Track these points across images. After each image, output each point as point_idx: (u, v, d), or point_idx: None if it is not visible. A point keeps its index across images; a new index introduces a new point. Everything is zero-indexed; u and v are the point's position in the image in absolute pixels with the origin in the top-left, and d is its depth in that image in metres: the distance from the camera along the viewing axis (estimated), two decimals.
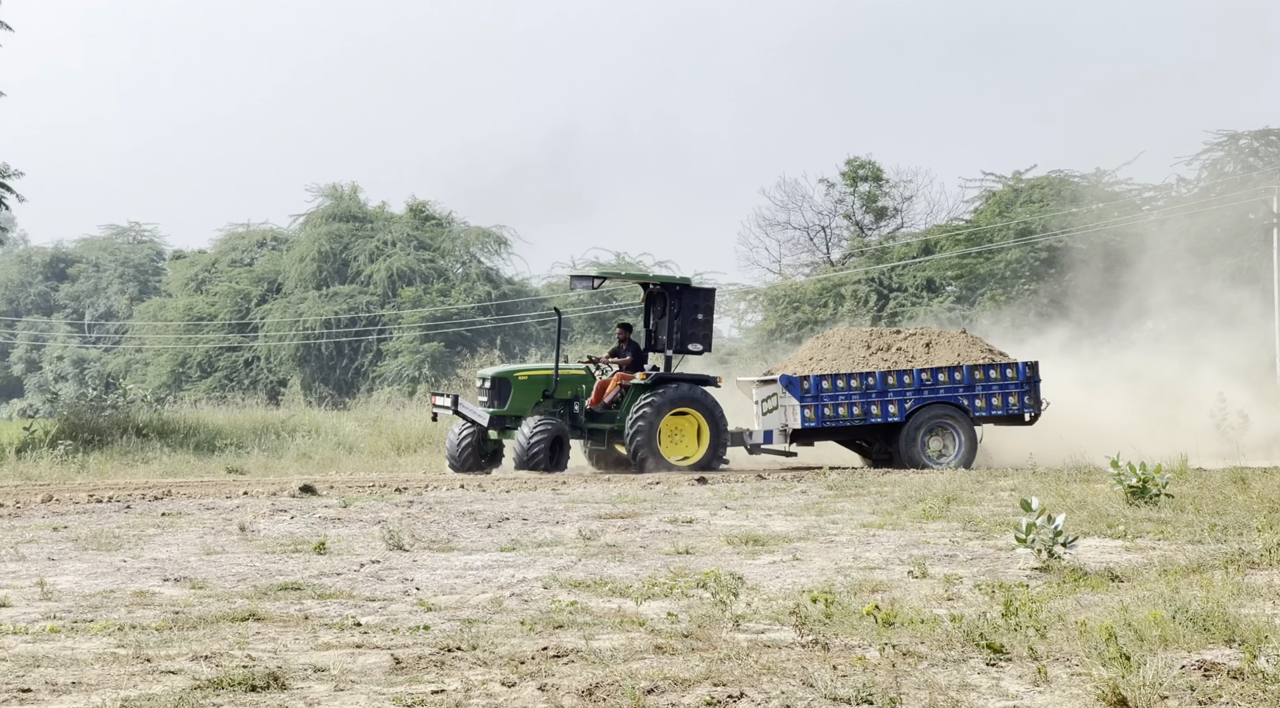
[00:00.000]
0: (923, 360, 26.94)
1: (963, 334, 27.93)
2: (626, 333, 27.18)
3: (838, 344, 27.83)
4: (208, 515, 17.82)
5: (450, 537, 15.09)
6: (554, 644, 9.02)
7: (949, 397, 26.28)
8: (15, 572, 12.79)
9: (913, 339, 27.70)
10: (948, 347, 27.29)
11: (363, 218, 72.39)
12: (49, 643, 9.25)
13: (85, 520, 17.43)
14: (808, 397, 25.99)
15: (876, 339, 27.81)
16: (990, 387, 26.44)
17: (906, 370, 26.34)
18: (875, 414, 26.14)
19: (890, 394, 26.18)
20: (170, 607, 10.73)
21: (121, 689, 7.81)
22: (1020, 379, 26.57)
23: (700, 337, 26.40)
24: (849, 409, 26.08)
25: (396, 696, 7.71)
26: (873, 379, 26.19)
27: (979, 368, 26.50)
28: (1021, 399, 26.53)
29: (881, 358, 27.16)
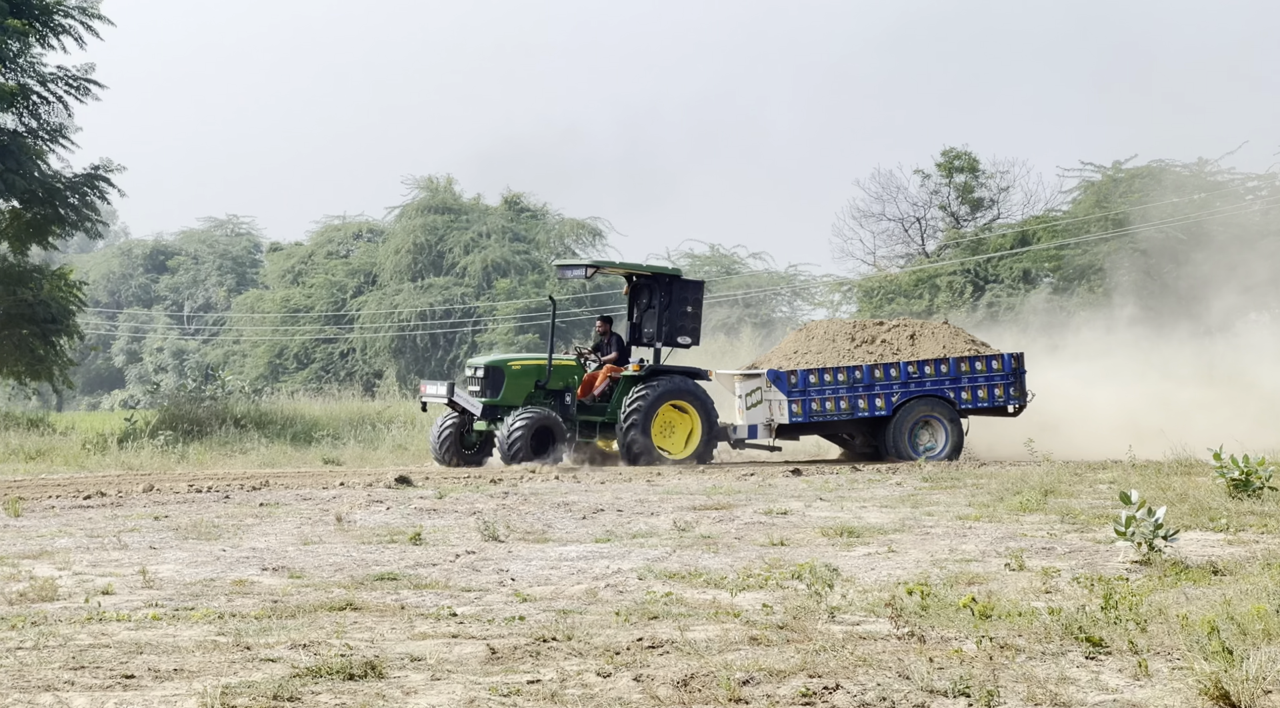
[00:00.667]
0: (908, 353, 26.58)
1: (945, 325, 27.64)
2: (607, 326, 26.61)
3: (821, 336, 27.36)
4: (305, 506, 17.97)
5: (545, 528, 15.13)
6: (649, 635, 9.02)
7: (935, 389, 25.94)
8: (118, 560, 12.95)
9: (896, 331, 27.31)
10: (932, 338, 26.95)
11: (458, 210, 72.70)
12: (151, 630, 9.36)
13: (185, 510, 17.63)
14: (795, 391, 25.50)
15: (860, 331, 27.34)
16: (976, 379, 26.15)
17: (893, 363, 25.96)
18: (863, 408, 25.71)
19: (877, 388, 25.78)
20: (269, 596, 10.83)
21: (222, 677, 7.89)
22: (1006, 371, 26.28)
23: (689, 329, 25.78)
24: (836, 403, 25.63)
25: (492, 685, 7.73)
26: (860, 373, 25.76)
27: (965, 360, 26.18)
28: (1007, 391, 26.24)
29: (866, 350, 26.74)
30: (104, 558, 13.13)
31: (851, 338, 27.02)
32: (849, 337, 27.05)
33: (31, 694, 7.50)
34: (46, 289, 36.15)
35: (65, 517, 17.00)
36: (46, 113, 35.88)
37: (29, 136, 35.60)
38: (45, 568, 12.38)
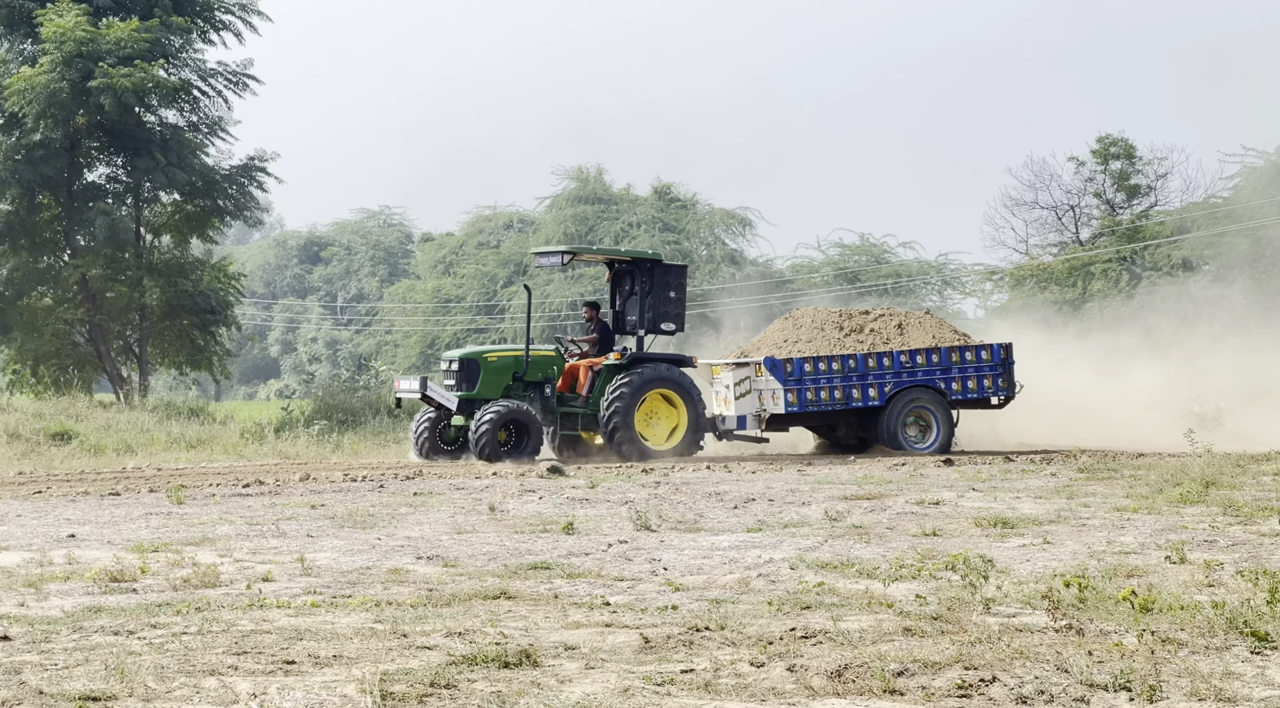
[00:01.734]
0: (898, 342, 26.09)
1: (929, 315, 27.21)
2: (594, 312, 25.74)
3: (809, 325, 26.83)
4: (458, 495, 18.13)
5: (697, 517, 15.14)
6: (802, 625, 8.98)
7: (927, 379, 25.50)
8: (277, 548, 13.15)
9: (883, 320, 26.81)
10: (919, 327, 26.48)
11: (608, 200, 72.96)
12: (310, 617, 9.49)
13: (341, 499, 17.87)
14: (790, 380, 24.94)
15: (848, 320, 26.84)
16: (966, 369, 25.71)
17: (886, 353, 25.49)
18: (856, 398, 25.24)
19: (871, 377, 25.31)
20: (424, 584, 10.93)
21: (380, 663, 7.98)
22: (995, 362, 25.83)
23: (673, 315, 25.03)
24: (830, 393, 25.14)
25: (646, 674, 7.74)
26: (854, 362, 25.27)
27: (956, 350, 25.73)
28: (995, 382, 25.83)
29: (856, 339, 26.25)
30: (263, 545, 13.35)
31: (840, 327, 26.54)
32: (837, 325, 26.57)
33: (197, 678, 7.64)
34: (206, 280, 36.82)
35: (225, 505, 17.30)
36: (207, 107, 36.57)
37: (190, 131, 36.28)
38: (207, 555, 12.60)
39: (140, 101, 34.61)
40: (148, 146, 35.13)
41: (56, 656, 8.24)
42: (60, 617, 9.52)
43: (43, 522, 15.56)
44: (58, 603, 10.12)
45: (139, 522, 15.45)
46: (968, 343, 25.94)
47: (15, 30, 35.39)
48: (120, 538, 14.00)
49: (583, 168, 74.46)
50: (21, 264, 35.73)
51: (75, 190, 36.29)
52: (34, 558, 12.33)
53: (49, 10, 34.05)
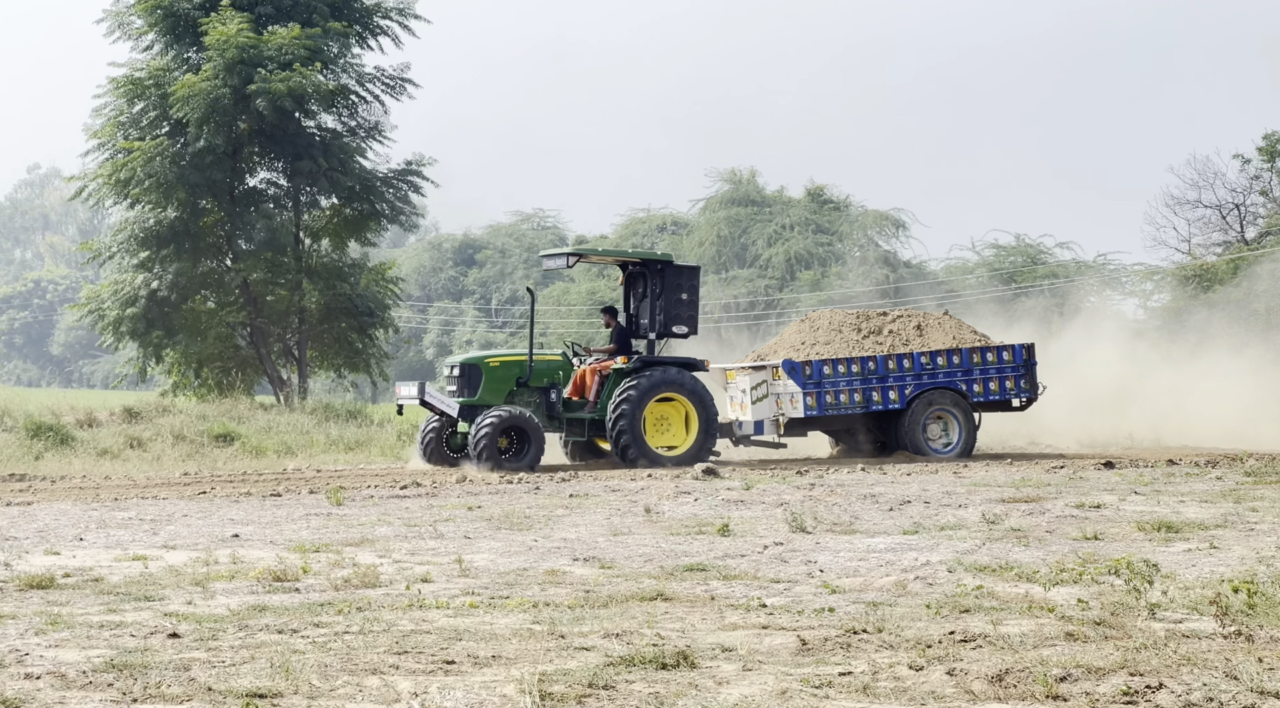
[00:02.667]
0: (917, 344, 25.60)
1: (948, 316, 26.62)
2: (612, 317, 25.00)
3: (826, 327, 26.38)
4: (613, 497, 18.18)
5: (852, 519, 15.05)
6: (961, 629, 8.89)
7: (948, 381, 25.00)
8: (435, 549, 13.28)
9: (902, 321, 26.32)
10: (938, 329, 25.96)
11: (760, 202, 72.85)
12: (469, 618, 9.56)
13: (497, 501, 18.00)
14: (809, 383, 24.46)
15: (866, 322, 26.36)
16: (988, 370, 25.20)
17: (907, 354, 24.99)
18: (876, 401, 24.78)
19: (891, 379, 24.84)
20: (581, 585, 10.97)
21: (538, 664, 8.02)
22: (1017, 362, 25.29)
23: (685, 318, 24.37)
24: (850, 396, 24.67)
25: (804, 677, 7.70)
26: (874, 364, 24.82)
27: (977, 351, 25.21)
28: (1018, 383, 25.31)
29: (874, 341, 25.78)
30: (421, 547, 13.48)
31: (858, 329, 26.10)
32: (855, 328, 26.12)
33: (359, 677, 7.73)
34: (364, 283, 37.26)
35: (384, 506, 17.51)
36: (364, 111, 37.03)
37: (348, 135, 36.76)
38: (367, 556, 12.76)
39: (298, 106, 35.12)
40: (307, 151, 35.66)
41: (224, 653, 8.39)
42: (226, 615, 9.68)
43: (208, 522, 15.85)
44: (224, 602, 10.29)
45: (300, 523, 15.68)
46: (988, 344, 25.47)
47: (181, 39, 36.08)
48: (282, 538, 14.22)
49: (736, 170, 74.48)
50: (186, 268, 36.40)
51: (237, 195, 36.93)
52: (200, 557, 12.55)
53: (213, 19, 34.68)
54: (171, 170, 34.65)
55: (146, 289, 36.05)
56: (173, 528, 15.27)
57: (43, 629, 9.18)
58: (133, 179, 34.64)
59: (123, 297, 36.24)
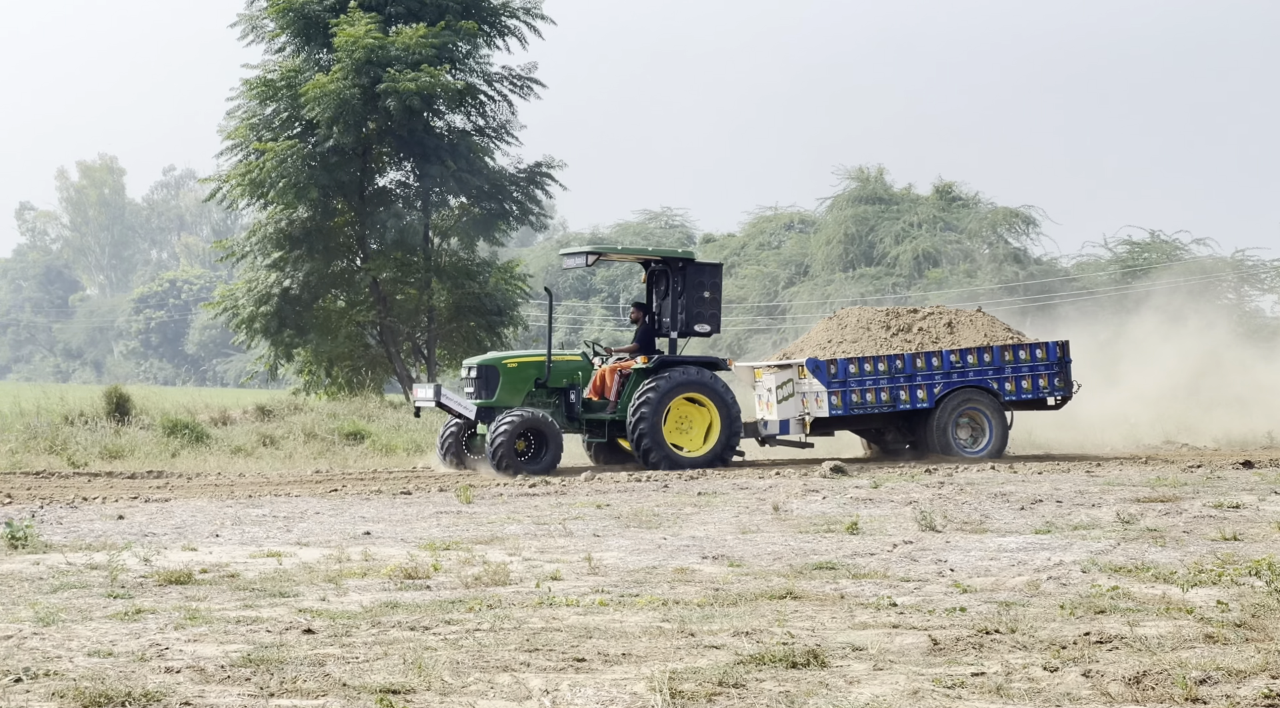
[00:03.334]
0: (947, 341, 24.90)
1: (980, 313, 25.92)
2: (641, 313, 24.39)
3: (854, 325, 25.71)
4: (741, 495, 18.16)
5: (983, 518, 14.91)
6: (1096, 630, 8.78)
7: (979, 380, 24.30)
8: (564, 547, 13.33)
9: (932, 318, 25.59)
10: (970, 326, 25.24)
11: (888, 200, 72.46)
12: (598, 615, 9.59)
13: (626, 498, 18.04)
14: (834, 382, 23.85)
15: (895, 319, 25.64)
16: (1020, 368, 24.46)
17: (935, 352, 24.33)
18: (904, 400, 24.13)
19: (919, 378, 24.16)
20: (710, 584, 10.97)
21: (669, 662, 8.02)
22: (1051, 360, 24.57)
23: (708, 316, 23.75)
24: (877, 395, 24.02)
25: (936, 677, 7.64)
26: (901, 362, 24.15)
27: (1009, 348, 24.52)
28: (1051, 382, 24.56)
29: (904, 339, 25.07)
30: (550, 545, 13.53)
31: (886, 326, 25.44)
32: (884, 325, 25.48)
33: (490, 674, 7.77)
34: (493, 282, 37.48)
35: (513, 504, 17.60)
36: (492, 111, 37.26)
37: (476, 135, 37.00)
38: (497, 553, 12.83)
39: (427, 106, 35.40)
40: (436, 151, 35.96)
41: (357, 649, 8.47)
42: (359, 612, 9.77)
43: (340, 519, 16.02)
44: (356, 598, 10.39)
45: (430, 520, 15.80)
46: (1021, 341, 24.90)
47: (312, 40, 36.49)
48: (413, 536, 14.33)
49: (863, 168, 74.17)
50: (317, 268, 36.82)
51: (367, 195, 37.30)
52: (333, 554, 12.69)
53: (341, 20, 35.05)
54: (303, 171, 35.06)
55: (279, 288, 36.51)
56: (305, 525, 15.45)
57: (182, 624, 9.32)
58: (265, 180, 35.11)
59: (256, 295, 36.73)
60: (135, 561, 12.26)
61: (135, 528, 15.31)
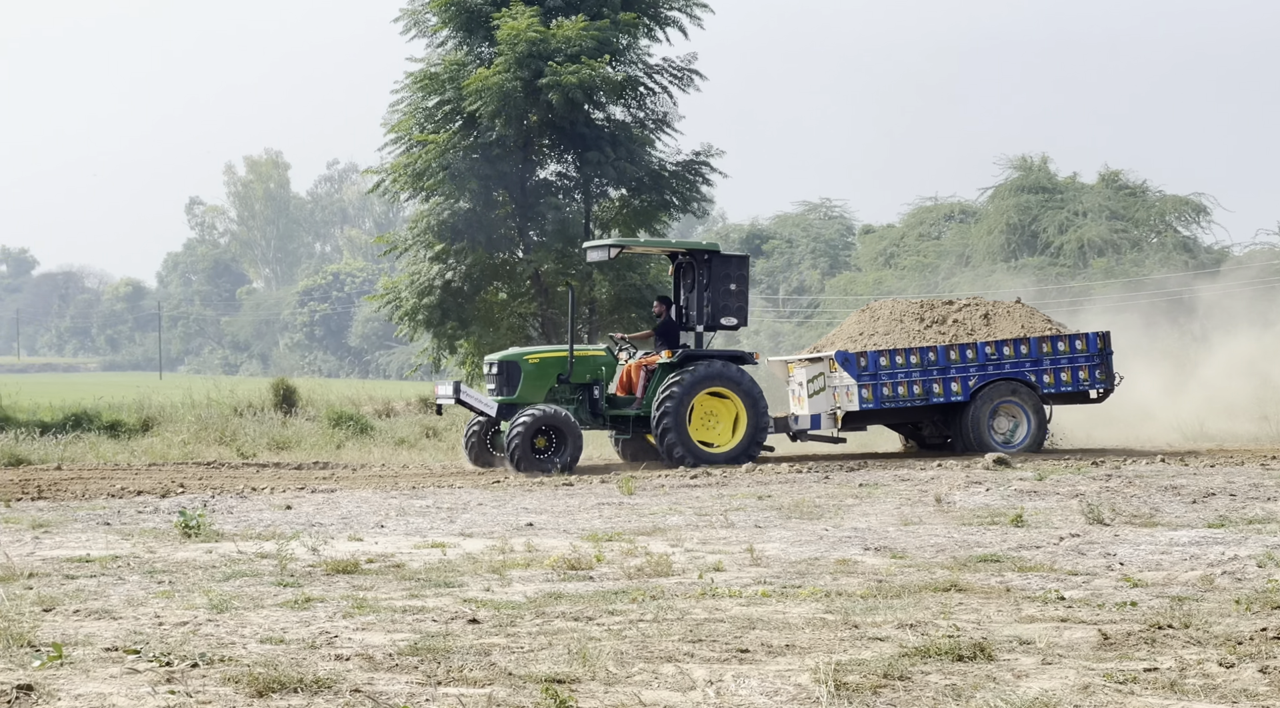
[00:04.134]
0: (983, 333, 24.22)
1: (1019, 304, 25.10)
2: (665, 307, 23.93)
3: (887, 317, 25.10)
4: (903, 487, 18.04)
5: (1152, 511, 14.67)
6: (1274, 626, 8.58)
7: (1015, 372, 23.65)
8: (726, 538, 13.33)
9: (968, 310, 24.90)
10: (1007, 318, 24.53)
11: (1052, 189, 71.51)
12: (761, 607, 9.56)
13: (787, 489, 18.00)
14: (865, 375, 23.28)
15: (929, 311, 25.00)
16: (1059, 360, 23.77)
17: (969, 344, 23.68)
18: (937, 393, 23.51)
19: (953, 371, 23.52)
20: (872, 575, 10.90)
21: (833, 653, 7.97)
22: (1091, 352, 23.83)
23: (734, 309, 23.31)
24: (909, 388, 23.41)
25: (1106, 672, 7.52)
26: (934, 355, 23.51)
27: (1047, 340, 23.79)
28: (1092, 374, 23.86)
29: (937, 331, 24.44)
30: (712, 536, 13.54)
31: (920, 318, 24.88)
32: (918, 317, 24.92)
33: (655, 664, 7.78)
34: (653, 273, 37.53)
35: (674, 496, 17.64)
36: (652, 103, 37.28)
37: (637, 126, 37.07)
38: (659, 545, 12.85)
39: (587, 98, 35.53)
40: (596, 143, 36.06)
41: (522, 639, 8.52)
42: (523, 602, 9.83)
43: (502, 511, 16.15)
44: (520, 589, 10.46)
45: (592, 512, 15.87)
46: (1060, 332, 24.27)
47: (474, 33, 36.76)
48: (575, 527, 14.41)
49: (1026, 157, 73.24)
50: (479, 260, 37.10)
51: (528, 187, 37.52)
52: (496, 545, 12.79)
53: (503, 13, 35.28)
54: (464, 163, 35.35)
55: (441, 280, 36.83)
56: (469, 516, 15.59)
57: (350, 613, 9.45)
58: (427, 171, 35.44)
59: (418, 287, 37.08)
60: (304, 550, 12.46)
61: (303, 518, 15.56)
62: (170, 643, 8.37)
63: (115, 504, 17.46)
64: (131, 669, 7.68)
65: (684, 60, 37.61)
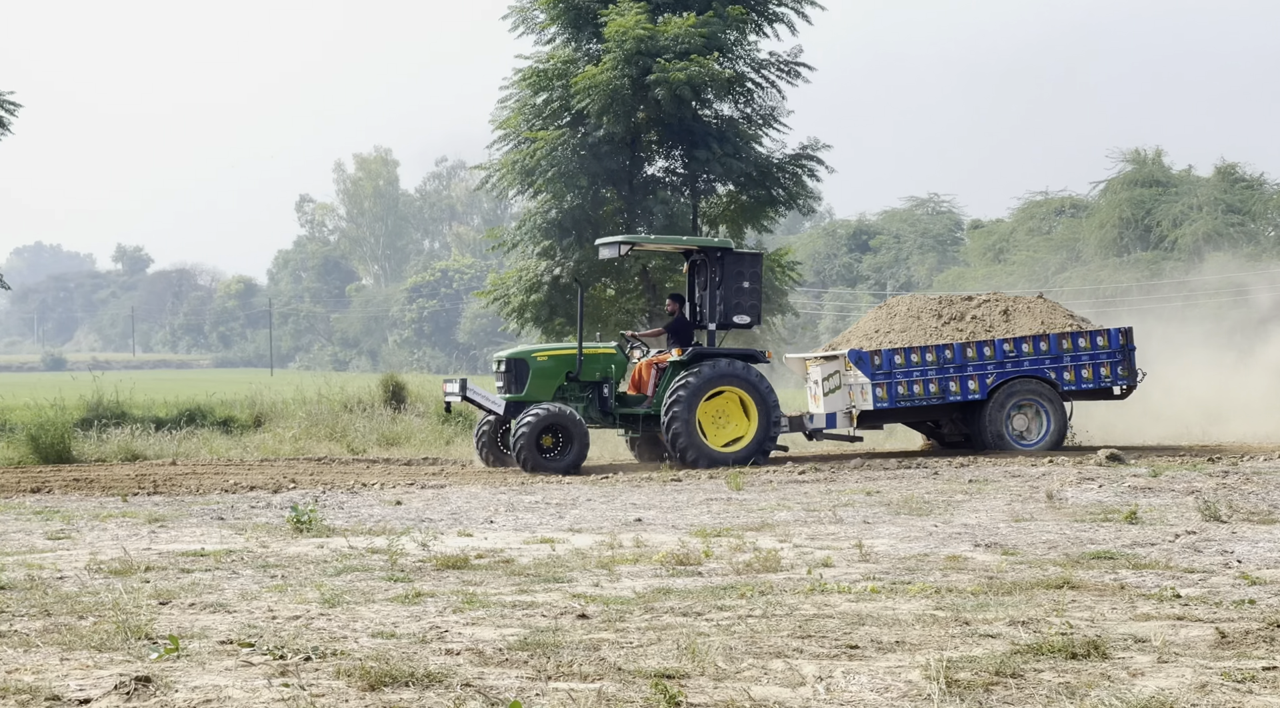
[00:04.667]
0: (1002, 330, 23.68)
1: (1041, 299, 24.51)
2: (678, 305, 23.66)
3: (904, 314, 24.59)
4: (1013, 482, 17.89)
5: (1271, 509, 14.45)
6: None
7: (1035, 369, 23.19)
8: (834, 534, 13.28)
9: (988, 306, 24.35)
10: (1027, 313, 23.96)
11: (1166, 182, 70.65)
12: (870, 603, 9.52)
13: (895, 486, 17.91)
14: (879, 373, 22.90)
15: (948, 308, 24.48)
16: (1080, 357, 23.27)
17: (987, 341, 23.22)
18: (954, 391, 23.09)
19: (970, 368, 23.08)
20: (983, 572, 10.81)
21: (944, 650, 7.92)
22: (1112, 348, 23.32)
23: (747, 308, 22.93)
24: (924, 386, 23.00)
25: (1224, 671, 7.41)
26: (950, 352, 23.06)
27: (1067, 336, 23.27)
28: (1114, 370, 23.35)
29: (955, 328, 23.91)
30: (820, 531, 13.49)
31: (938, 315, 24.39)
32: (935, 314, 24.43)
33: (764, 660, 7.76)
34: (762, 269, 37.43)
35: (782, 491, 17.60)
36: (759, 98, 37.17)
37: (744, 122, 37.00)
38: (767, 540, 12.83)
39: (695, 95, 35.49)
40: (704, 139, 36.00)
41: (631, 634, 8.53)
42: (632, 597, 9.84)
43: (610, 506, 16.19)
44: (629, 584, 10.47)
45: (700, 507, 15.87)
46: (1081, 328, 23.75)
47: (582, 31, 36.83)
48: (683, 523, 14.41)
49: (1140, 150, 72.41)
50: (586, 256, 37.18)
51: (635, 183, 37.54)
52: (605, 541, 12.81)
53: (611, 10, 35.32)
54: (573, 159, 35.42)
55: (549, 276, 36.93)
56: (577, 512, 15.64)
57: (460, 608, 9.50)
58: (535, 168, 35.56)
59: (526, 283, 37.20)
60: (414, 545, 12.54)
61: (412, 513, 15.67)
62: (283, 637, 8.45)
63: (228, 499, 17.68)
64: (246, 662, 7.77)
65: (791, 54, 37.47)
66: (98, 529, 14.34)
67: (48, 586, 10.53)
